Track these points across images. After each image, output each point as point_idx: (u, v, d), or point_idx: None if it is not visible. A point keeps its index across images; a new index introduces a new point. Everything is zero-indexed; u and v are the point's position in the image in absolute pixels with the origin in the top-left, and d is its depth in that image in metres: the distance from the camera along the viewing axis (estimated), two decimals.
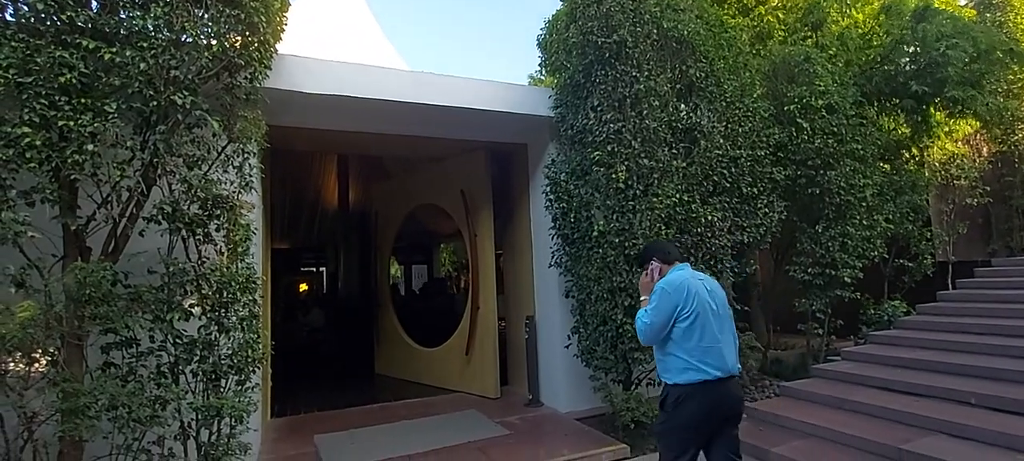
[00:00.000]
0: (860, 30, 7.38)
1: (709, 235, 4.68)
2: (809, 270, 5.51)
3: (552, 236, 5.16)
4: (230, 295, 3.09)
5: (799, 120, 5.49)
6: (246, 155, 3.34)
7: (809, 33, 7.05)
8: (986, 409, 3.82)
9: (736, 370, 2.47)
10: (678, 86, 5.10)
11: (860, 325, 6.17)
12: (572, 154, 5.03)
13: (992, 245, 7.94)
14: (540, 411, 5.49)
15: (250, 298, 3.19)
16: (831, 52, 6.48)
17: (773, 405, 4.84)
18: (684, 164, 4.83)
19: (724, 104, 5.16)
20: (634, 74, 4.70)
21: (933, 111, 6.75)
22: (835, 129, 5.60)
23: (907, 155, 7.07)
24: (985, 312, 5.35)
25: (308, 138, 5.67)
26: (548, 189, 5.11)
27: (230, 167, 3.24)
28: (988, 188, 7.35)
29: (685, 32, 5.09)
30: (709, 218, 4.69)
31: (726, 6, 7.72)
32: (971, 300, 5.86)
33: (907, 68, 6.42)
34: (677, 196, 4.59)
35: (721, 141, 4.95)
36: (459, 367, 6.46)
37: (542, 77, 8.22)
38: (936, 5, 6.72)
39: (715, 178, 4.88)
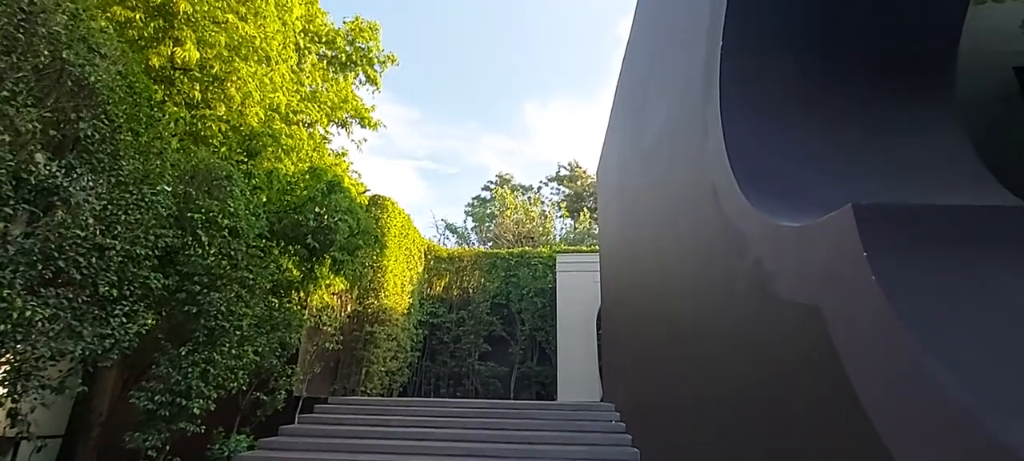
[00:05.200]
0: (288, 178, 8.28)
1: (17, 338, 3.36)
2: (156, 398, 4.80)
3: None
4: None
5: (199, 231, 5.19)
6: None
7: (244, 158, 7.26)
8: None
9: None
10: (54, 134, 3.90)
11: None
12: None
13: (335, 385, 9.70)
14: None
15: None
16: (256, 183, 6.81)
17: None
18: (18, 233, 3.50)
19: (114, 181, 4.27)
20: None
21: (321, 266, 8.04)
22: (233, 253, 5.59)
23: (295, 296, 7.96)
24: (312, 447, 6.18)
25: None
26: None
27: None
28: (343, 338, 9.15)
29: (93, 79, 4.11)
30: (28, 314, 3.41)
31: (173, 90, 7.07)
32: (306, 434, 6.68)
33: (311, 223, 7.51)
34: None
35: (90, 222, 3.95)
36: None
37: None
38: (344, 182, 8.45)
39: (62, 263, 3.73)
